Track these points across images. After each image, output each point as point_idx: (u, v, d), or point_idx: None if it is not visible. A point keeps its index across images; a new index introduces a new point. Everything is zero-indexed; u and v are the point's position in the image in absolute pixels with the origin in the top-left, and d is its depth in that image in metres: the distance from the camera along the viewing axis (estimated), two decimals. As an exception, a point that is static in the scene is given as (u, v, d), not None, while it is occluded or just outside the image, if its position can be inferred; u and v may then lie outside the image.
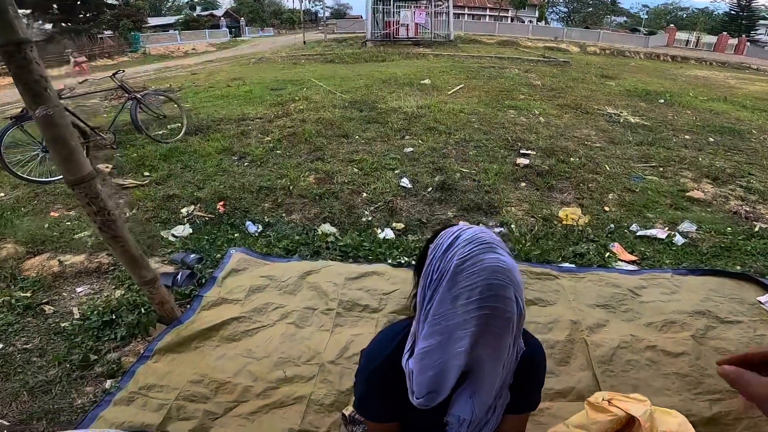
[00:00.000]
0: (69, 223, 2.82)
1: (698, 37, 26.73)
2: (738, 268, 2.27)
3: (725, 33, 25.95)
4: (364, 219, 2.84)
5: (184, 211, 2.96)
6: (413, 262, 2.29)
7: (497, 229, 2.71)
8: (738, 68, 16.28)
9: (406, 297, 1.96)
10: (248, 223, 2.85)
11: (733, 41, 23.94)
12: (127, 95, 4.25)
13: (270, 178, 3.39)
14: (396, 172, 3.53)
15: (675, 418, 1.31)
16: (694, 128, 5.23)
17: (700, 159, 4.05)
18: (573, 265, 2.20)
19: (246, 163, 3.77)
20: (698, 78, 11.56)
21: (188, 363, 1.67)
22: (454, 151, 4.00)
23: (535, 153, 3.88)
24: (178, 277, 2.24)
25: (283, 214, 3.00)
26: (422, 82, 7.48)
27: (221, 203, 3.05)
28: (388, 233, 2.60)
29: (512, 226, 2.68)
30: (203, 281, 2.18)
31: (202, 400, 1.50)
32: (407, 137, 4.42)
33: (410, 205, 3.00)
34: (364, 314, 1.90)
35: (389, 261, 2.25)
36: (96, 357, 1.72)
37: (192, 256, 2.44)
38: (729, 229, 2.76)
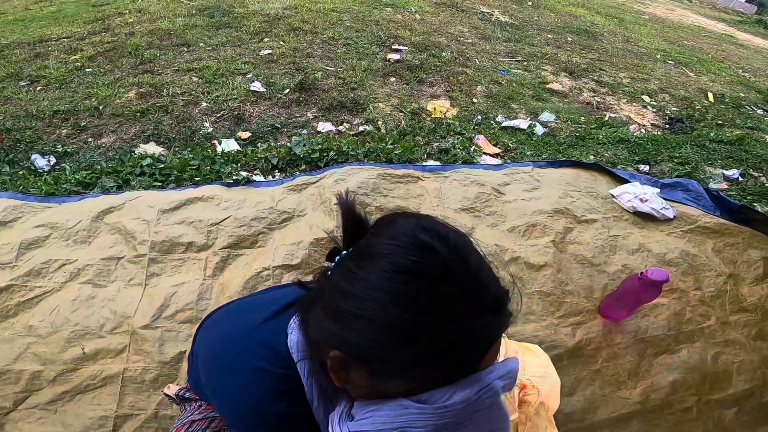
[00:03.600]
0: None
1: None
2: (591, 157, 2.36)
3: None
4: (202, 132, 2.26)
5: None
6: (255, 177, 1.86)
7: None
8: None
9: (243, 224, 1.56)
10: (35, 156, 2.07)
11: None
12: None
13: (72, 100, 2.56)
14: (248, 76, 2.91)
15: (538, 356, 1.28)
16: (556, 29, 5.44)
17: (559, 55, 4.18)
18: (438, 163, 2.02)
19: (39, 88, 2.79)
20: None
21: None
22: (320, 50, 3.45)
23: (407, 48, 3.56)
24: None
25: (89, 139, 2.27)
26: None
27: None
28: (231, 144, 2.09)
29: (379, 123, 2.40)
30: None
31: None
32: (266, 39, 3.69)
33: (262, 111, 2.49)
34: (188, 255, 1.47)
35: (222, 180, 1.78)
36: None
37: None
38: (582, 118, 2.89)
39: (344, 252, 0.53)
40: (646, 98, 3.42)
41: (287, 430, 0.57)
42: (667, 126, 2.97)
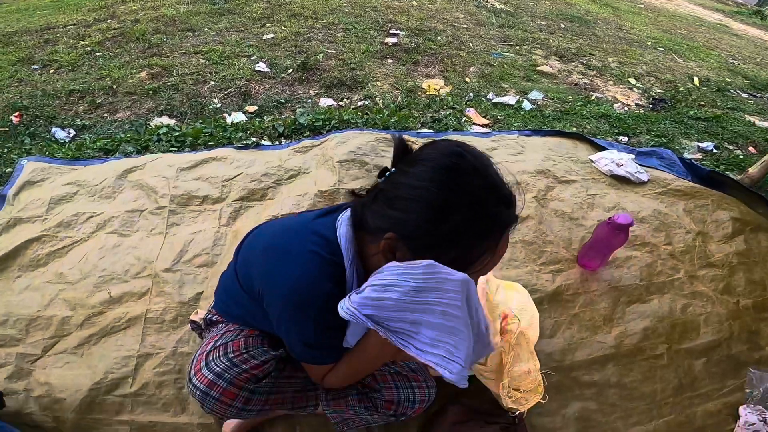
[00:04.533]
0: None
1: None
2: (574, 129, 2.50)
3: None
4: (211, 107, 2.42)
5: None
6: (263, 142, 2.03)
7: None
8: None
9: (254, 180, 1.73)
10: (55, 129, 2.21)
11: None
12: None
13: (86, 80, 2.69)
14: (252, 58, 3.05)
15: (519, 292, 1.36)
16: (550, 16, 5.55)
17: (551, 41, 4.31)
18: (431, 131, 2.18)
19: (52, 71, 2.92)
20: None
21: None
22: (320, 34, 3.59)
23: (404, 33, 3.70)
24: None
25: (105, 114, 2.42)
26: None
27: (16, 114, 2.32)
28: (239, 117, 2.25)
29: (377, 99, 2.56)
30: None
31: (12, 342, 1.25)
32: (268, 25, 3.83)
33: (267, 88, 2.64)
34: (204, 206, 1.62)
35: (234, 144, 1.94)
36: None
37: None
38: (570, 97, 3.03)
39: (393, 169, 0.70)
40: (633, 81, 3.56)
41: (329, 310, 0.66)
42: (651, 106, 3.13)
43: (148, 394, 1.14)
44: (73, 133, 2.22)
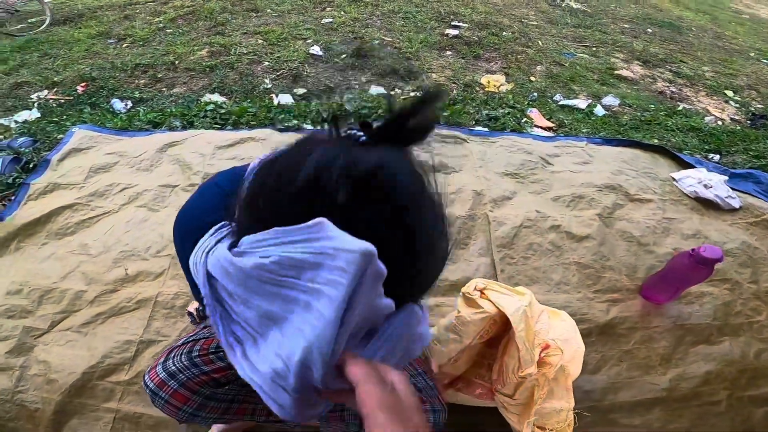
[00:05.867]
0: None
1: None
2: (655, 141, 2.19)
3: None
4: (262, 87, 2.40)
5: (34, 96, 2.37)
6: (306, 126, 1.95)
7: None
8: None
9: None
10: (114, 101, 2.30)
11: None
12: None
13: (153, 56, 2.81)
14: (308, 41, 3.02)
15: (564, 321, 1.19)
16: (635, 19, 5.07)
17: (635, 44, 3.90)
18: (485, 129, 1.98)
19: (125, 45, 3.07)
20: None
21: (5, 270, 1.36)
22: (378, 22, 3.50)
23: (467, 26, 3.49)
24: (-1, 163, 1.73)
25: (163, 89, 2.50)
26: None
27: (83, 84, 2.46)
28: (286, 98, 2.20)
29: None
30: (33, 166, 1.72)
31: (22, 314, 1.25)
32: (328, 9, 3.81)
33: (318, 72, 2.59)
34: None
35: (275, 126, 1.87)
36: None
37: (22, 139, 1.90)
38: (652, 106, 2.68)
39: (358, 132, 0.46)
40: (730, 93, 3.10)
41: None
42: (749, 122, 2.69)
43: (140, 384, 1.11)
44: (130, 105, 2.29)
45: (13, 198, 1.58)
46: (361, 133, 0.43)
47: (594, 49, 3.56)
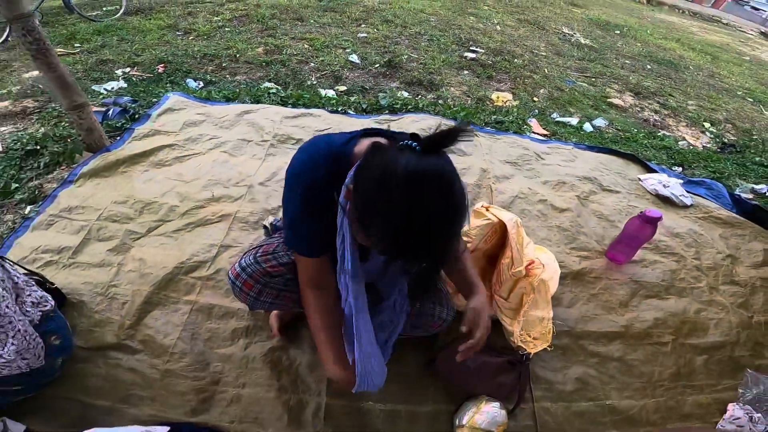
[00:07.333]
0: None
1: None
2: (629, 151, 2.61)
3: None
4: (308, 83, 2.88)
5: (119, 72, 2.82)
6: (350, 111, 2.42)
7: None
8: (708, 20, 16.44)
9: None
10: (189, 80, 2.78)
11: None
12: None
13: (216, 48, 3.31)
14: (347, 50, 3.53)
15: (546, 253, 1.49)
16: (637, 56, 5.49)
17: (631, 78, 4.35)
18: (492, 129, 2.45)
19: (191, 38, 3.59)
20: (664, 21, 11.64)
21: (113, 186, 1.64)
22: (406, 41, 4.02)
23: (483, 51, 4.00)
24: (110, 112, 2.20)
25: (227, 76, 2.97)
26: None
27: (162, 65, 2.94)
28: (330, 93, 2.68)
29: (448, 101, 2.89)
30: (137, 117, 2.16)
31: (125, 220, 1.48)
32: (363, 26, 4.34)
33: (356, 76, 3.08)
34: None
35: (326, 108, 2.36)
36: (17, 185, 1.65)
37: (125, 98, 2.37)
38: (635, 130, 3.12)
39: (414, 143, 0.65)
40: (707, 125, 3.54)
41: (315, 197, 0.77)
42: (718, 150, 3.12)
43: (216, 279, 1.32)
44: (201, 84, 2.77)
45: (119, 138, 1.98)
46: (416, 144, 0.65)
47: (593, 79, 4.04)
